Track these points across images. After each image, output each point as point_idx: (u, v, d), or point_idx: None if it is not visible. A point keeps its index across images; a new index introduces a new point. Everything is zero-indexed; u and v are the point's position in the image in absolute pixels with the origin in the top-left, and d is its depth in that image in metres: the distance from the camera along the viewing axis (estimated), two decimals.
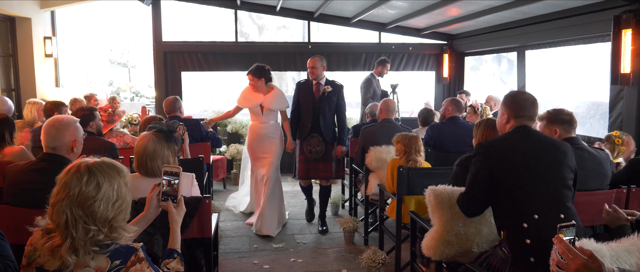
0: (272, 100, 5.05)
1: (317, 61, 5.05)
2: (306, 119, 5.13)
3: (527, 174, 2.34)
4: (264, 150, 5.14)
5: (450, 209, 2.78)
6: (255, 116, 5.14)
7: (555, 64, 7.24)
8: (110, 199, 1.59)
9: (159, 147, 2.47)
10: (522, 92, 2.57)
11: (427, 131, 4.80)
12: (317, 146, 5.09)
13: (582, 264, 1.52)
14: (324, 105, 5.07)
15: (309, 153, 5.13)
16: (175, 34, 8.61)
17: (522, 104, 2.48)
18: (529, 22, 6.01)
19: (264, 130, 5.12)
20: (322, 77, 5.12)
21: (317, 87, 5.10)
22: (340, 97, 5.14)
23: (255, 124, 5.18)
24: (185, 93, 8.07)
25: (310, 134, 5.11)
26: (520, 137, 2.43)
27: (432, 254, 2.85)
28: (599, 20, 4.85)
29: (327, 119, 5.11)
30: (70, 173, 1.59)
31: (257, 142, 5.14)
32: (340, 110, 5.17)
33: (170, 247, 1.94)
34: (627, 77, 4.39)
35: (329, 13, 7.90)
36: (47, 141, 2.64)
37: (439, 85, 8.57)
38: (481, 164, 2.42)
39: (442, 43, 8.35)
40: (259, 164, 5.18)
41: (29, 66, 7.08)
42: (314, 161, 5.15)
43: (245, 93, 5.11)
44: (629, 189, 2.95)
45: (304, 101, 5.15)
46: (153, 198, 2.00)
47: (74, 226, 1.54)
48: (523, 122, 2.47)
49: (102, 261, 1.56)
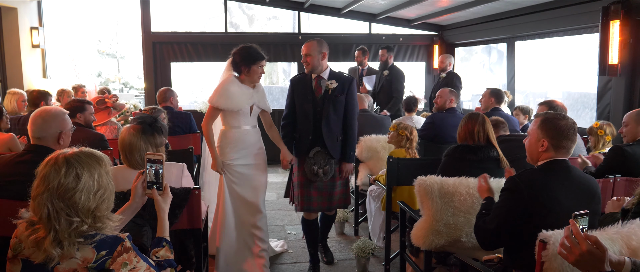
0: (263, 97, 3.74)
1: (312, 47, 3.67)
2: (304, 128, 3.74)
3: (564, 216, 2.09)
4: (251, 168, 3.67)
5: (439, 199, 2.80)
6: (240, 118, 3.60)
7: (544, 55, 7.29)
8: (91, 189, 1.57)
9: (134, 140, 2.49)
10: (563, 116, 2.28)
11: (426, 121, 4.82)
12: (325, 165, 3.72)
13: (587, 250, 1.56)
14: (327, 107, 3.68)
15: (313, 175, 3.72)
16: (164, 25, 8.52)
17: (565, 134, 2.21)
18: (518, 13, 6.03)
19: (253, 138, 3.70)
20: (322, 69, 3.72)
21: (317, 83, 3.71)
22: (350, 94, 3.73)
23: (239, 129, 3.62)
24: (174, 84, 8.02)
25: (312, 147, 3.73)
26: (562, 177, 2.21)
27: (421, 244, 2.88)
28: (587, 11, 4.88)
29: (333, 126, 3.70)
30: (48, 165, 1.58)
31: (243, 155, 3.62)
32: (350, 113, 3.75)
33: (158, 236, 1.94)
34: (614, 68, 4.43)
35: (320, 4, 7.87)
36: (33, 130, 2.62)
37: (430, 76, 8.59)
38: (516, 202, 2.19)
39: (432, 34, 8.36)
40: (247, 189, 3.66)
41: (16, 57, 6.98)
42: (318, 186, 3.79)
43: (228, 88, 3.54)
44: (615, 179, 2.99)
45: (300, 103, 3.76)
46: (138, 187, 1.98)
47: (56, 218, 1.53)
48: (561, 154, 2.24)
49: (88, 252, 1.56)
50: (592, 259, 1.56)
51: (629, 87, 4.54)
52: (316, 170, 3.71)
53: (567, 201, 2.16)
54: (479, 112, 3.26)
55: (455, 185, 2.82)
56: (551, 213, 2.13)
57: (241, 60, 3.56)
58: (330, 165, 3.73)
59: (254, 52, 3.55)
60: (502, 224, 2.22)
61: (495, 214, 2.26)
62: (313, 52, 3.67)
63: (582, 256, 1.57)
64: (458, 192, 2.80)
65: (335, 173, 3.78)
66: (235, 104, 3.53)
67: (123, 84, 15.12)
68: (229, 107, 3.53)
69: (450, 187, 2.82)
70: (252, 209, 3.69)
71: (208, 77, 14.37)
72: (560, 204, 2.15)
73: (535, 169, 2.28)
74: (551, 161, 2.24)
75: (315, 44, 3.68)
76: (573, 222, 1.62)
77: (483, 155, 3.05)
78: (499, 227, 2.22)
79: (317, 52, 3.67)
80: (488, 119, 3.16)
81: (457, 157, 3.10)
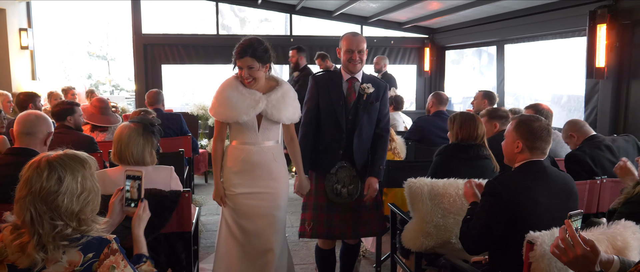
0: (283, 104, 2.80)
1: (364, 41, 3.07)
2: (334, 139, 3.05)
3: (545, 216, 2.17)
4: (260, 198, 2.84)
5: (429, 200, 2.82)
6: (245, 132, 2.79)
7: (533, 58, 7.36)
8: (75, 192, 1.55)
9: (134, 134, 2.49)
10: (537, 118, 2.33)
11: (414, 123, 4.88)
12: (349, 184, 3.08)
13: (582, 254, 1.54)
14: (362, 115, 3.05)
15: (336, 195, 3.08)
16: (155, 27, 8.51)
17: (539, 135, 2.24)
18: (508, 16, 6.09)
19: (263, 157, 2.83)
20: (360, 68, 3.09)
21: (351, 86, 3.06)
22: (384, 101, 3.15)
23: (243, 147, 2.81)
24: (165, 86, 7.99)
25: (337, 162, 3.08)
26: (540, 177, 2.23)
27: (411, 246, 2.90)
28: (575, 15, 4.94)
29: (365, 138, 3.10)
30: (31, 169, 1.56)
31: (247, 181, 2.82)
32: (383, 121, 3.16)
33: (137, 253, 1.89)
34: (601, 71, 4.49)
35: (311, 6, 7.89)
36: (24, 126, 2.61)
37: (421, 78, 8.64)
38: (497, 205, 2.20)
39: (423, 37, 8.41)
40: (253, 225, 2.83)
41: (4, 58, 6.92)
42: (341, 208, 3.12)
43: (224, 93, 2.75)
44: (601, 180, 3.03)
45: (329, 109, 3.03)
46: (116, 203, 1.95)
47: (39, 222, 1.51)
48: (536, 155, 2.26)
49: (74, 255, 1.54)
50: (584, 261, 1.57)
51: (615, 89, 4.61)
52: (339, 189, 3.06)
53: (547, 201, 2.19)
54: (471, 113, 3.29)
55: (445, 186, 2.84)
56: (532, 214, 2.15)
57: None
58: (355, 184, 3.09)
59: (238, 47, 2.71)
60: (484, 228, 2.23)
61: (477, 219, 2.27)
62: (362, 46, 3.03)
63: (576, 258, 1.57)
64: (448, 194, 2.82)
65: (361, 192, 3.12)
66: (230, 114, 2.71)
67: (113, 86, 15.01)
68: (224, 118, 2.77)
69: (440, 188, 2.84)
70: (263, 245, 2.83)
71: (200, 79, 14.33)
72: (540, 205, 2.17)
73: (513, 172, 2.31)
74: (527, 162, 2.27)
75: (365, 39, 3.08)
76: (569, 222, 1.59)
77: (474, 153, 3.08)
78: (482, 232, 2.24)
79: (364, 47, 3.05)
80: (480, 120, 3.20)
81: (448, 155, 3.12)
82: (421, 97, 8.59)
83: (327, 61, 6.67)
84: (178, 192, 2.50)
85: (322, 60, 6.64)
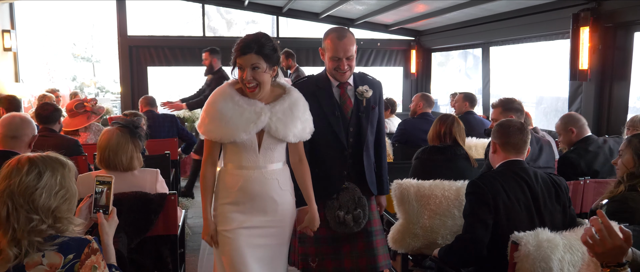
0: (290, 117, 2.21)
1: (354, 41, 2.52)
2: (334, 159, 2.56)
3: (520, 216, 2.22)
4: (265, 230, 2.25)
5: (415, 202, 2.84)
6: (242, 154, 2.19)
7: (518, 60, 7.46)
8: (53, 188, 1.55)
9: (123, 140, 2.45)
10: (508, 120, 2.43)
11: (399, 126, 4.89)
12: (355, 209, 2.53)
13: (619, 245, 1.49)
14: (365, 125, 2.57)
15: (339, 224, 2.53)
16: (141, 28, 8.43)
17: (507, 131, 2.31)
18: (493, 19, 6.16)
19: (265, 187, 2.22)
20: (349, 76, 2.57)
21: (345, 90, 2.56)
22: (381, 104, 2.68)
23: (239, 172, 2.20)
24: (151, 89, 7.94)
25: (337, 185, 2.56)
26: (520, 177, 2.26)
27: (398, 247, 2.91)
28: (558, 18, 5.01)
29: (371, 151, 2.64)
30: (11, 166, 1.56)
31: (245, 213, 2.22)
32: (381, 127, 2.71)
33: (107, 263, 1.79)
34: (585, 73, 4.56)
35: (298, 8, 7.90)
36: (10, 130, 2.58)
37: (407, 80, 8.69)
38: (484, 200, 2.21)
39: (409, 39, 8.46)
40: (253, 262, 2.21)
41: None
42: (349, 236, 2.56)
43: (215, 104, 2.16)
44: (585, 181, 3.07)
45: (318, 120, 2.39)
46: (83, 209, 1.86)
47: (15, 217, 1.50)
48: (512, 154, 2.31)
49: (54, 258, 1.52)
50: (618, 251, 1.51)
51: (598, 91, 4.68)
52: (343, 217, 2.50)
53: (526, 200, 2.22)
54: (450, 114, 3.33)
55: (431, 188, 2.86)
56: (511, 212, 2.19)
57: None
58: (362, 208, 2.53)
59: (241, 41, 2.14)
60: (479, 222, 2.22)
61: (468, 222, 2.28)
62: (350, 43, 2.47)
63: (612, 249, 1.51)
64: (434, 195, 2.84)
65: (370, 216, 2.59)
66: (224, 132, 2.13)
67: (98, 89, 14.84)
68: (217, 137, 2.17)
69: (426, 190, 2.85)
70: None
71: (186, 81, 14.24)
72: (520, 203, 2.21)
73: (493, 171, 2.36)
74: (506, 162, 2.32)
75: (354, 38, 2.52)
76: (601, 213, 1.54)
77: (451, 154, 3.12)
78: (479, 228, 2.22)
79: (353, 44, 2.50)
80: (459, 122, 3.22)
81: (425, 158, 3.18)
82: (408, 100, 8.63)
83: (289, 60, 6.08)
84: (163, 195, 2.48)
85: (286, 58, 5.97)
